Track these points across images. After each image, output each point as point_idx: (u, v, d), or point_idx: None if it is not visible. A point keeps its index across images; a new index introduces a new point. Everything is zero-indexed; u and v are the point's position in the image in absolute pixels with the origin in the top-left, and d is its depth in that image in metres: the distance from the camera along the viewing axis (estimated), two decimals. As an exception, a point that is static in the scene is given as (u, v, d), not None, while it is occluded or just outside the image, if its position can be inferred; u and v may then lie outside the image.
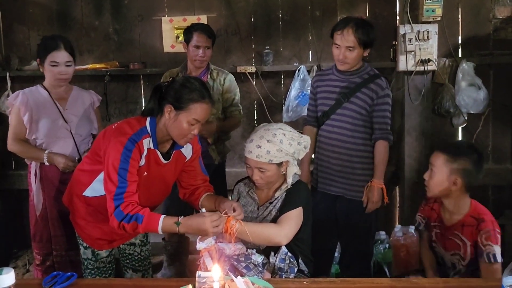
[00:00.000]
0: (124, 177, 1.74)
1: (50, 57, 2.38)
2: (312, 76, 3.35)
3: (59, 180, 2.44)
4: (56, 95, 2.49)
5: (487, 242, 1.74)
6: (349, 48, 2.37)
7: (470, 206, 1.85)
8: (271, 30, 3.54)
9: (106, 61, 3.57)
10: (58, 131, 2.45)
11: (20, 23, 3.64)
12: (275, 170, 1.88)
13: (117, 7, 3.59)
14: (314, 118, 2.63)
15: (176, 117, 1.79)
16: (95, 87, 3.64)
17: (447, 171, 1.81)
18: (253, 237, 1.78)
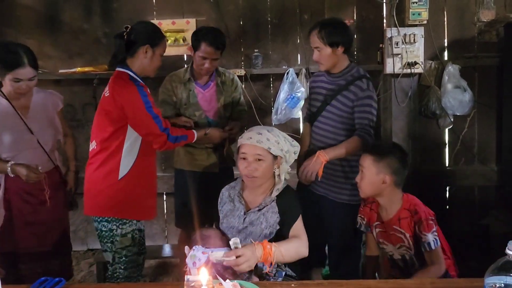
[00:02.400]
0: (154, 112, 2.13)
1: (14, 73, 2.16)
2: (300, 79, 3.39)
3: (25, 191, 2.33)
4: (17, 104, 2.29)
5: (423, 233, 1.88)
6: (317, 49, 2.44)
7: (403, 200, 1.97)
8: (260, 33, 3.56)
9: (95, 65, 3.56)
10: (24, 144, 2.30)
11: (7, 26, 3.62)
12: (270, 162, 1.88)
13: (107, 11, 3.59)
14: (310, 116, 2.70)
15: (153, 53, 2.21)
16: (84, 90, 3.66)
17: (375, 170, 1.94)
18: (286, 256, 1.77)
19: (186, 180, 2.72)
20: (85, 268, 3.45)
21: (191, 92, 2.71)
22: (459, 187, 3.56)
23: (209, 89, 2.76)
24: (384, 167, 1.93)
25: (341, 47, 2.43)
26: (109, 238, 2.20)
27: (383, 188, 1.94)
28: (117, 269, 2.21)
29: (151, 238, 3.77)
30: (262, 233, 1.87)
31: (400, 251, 2.01)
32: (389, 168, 1.93)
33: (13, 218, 2.35)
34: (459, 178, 3.53)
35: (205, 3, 3.53)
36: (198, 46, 2.61)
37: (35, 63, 2.24)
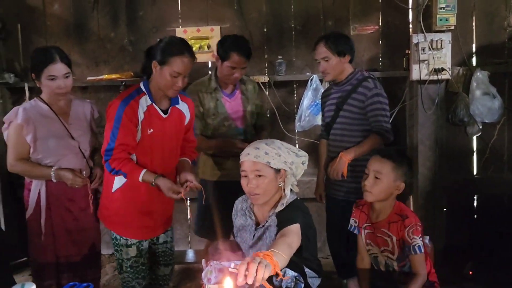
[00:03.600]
0: (115, 134, 2.02)
1: (47, 71, 2.22)
2: (324, 85, 3.36)
3: (67, 198, 2.35)
4: (57, 110, 2.34)
5: (413, 236, 1.91)
6: (324, 59, 2.57)
7: (394, 205, 2.01)
8: (284, 40, 3.56)
9: (121, 72, 3.63)
10: (65, 149, 2.33)
11: (38, 35, 3.72)
12: (272, 176, 1.78)
13: (133, 19, 3.66)
14: (325, 131, 2.79)
15: (160, 71, 2.06)
16: (110, 97, 3.71)
17: (393, 177, 1.96)
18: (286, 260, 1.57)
19: (212, 190, 2.70)
20: (110, 272, 3.50)
21: (218, 102, 2.70)
22: (488, 196, 3.46)
23: (235, 97, 2.76)
24: (402, 174, 1.96)
25: (348, 55, 2.58)
26: (115, 246, 2.21)
27: (393, 194, 1.97)
28: (125, 278, 2.21)
29: (175, 243, 3.79)
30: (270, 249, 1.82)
31: (383, 255, 2.05)
32: (404, 176, 1.97)
33: (54, 226, 2.34)
34: (487, 186, 3.44)
35: (229, 10, 3.56)
36: (227, 56, 2.59)
37: (67, 60, 2.29)
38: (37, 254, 2.39)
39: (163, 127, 2.15)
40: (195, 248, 3.73)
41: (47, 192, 2.33)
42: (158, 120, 2.13)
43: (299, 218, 1.77)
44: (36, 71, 2.25)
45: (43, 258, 2.36)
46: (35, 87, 3.61)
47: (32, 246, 2.41)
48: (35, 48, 2.43)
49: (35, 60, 2.27)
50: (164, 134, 2.16)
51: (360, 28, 3.48)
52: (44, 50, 2.31)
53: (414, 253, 1.91)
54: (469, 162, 3.52)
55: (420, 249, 1.91)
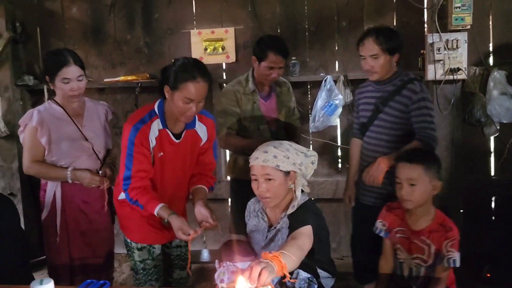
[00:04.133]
0: (130, 162, 1.97)
1: (61, 73, 2.22)
2: (338, 86, 3.36)
3: (82, 200, 2.36)
4: (71, 112, 2.35)
5: (451, 249, 1.87)
6: (373, 56, 2.36)
7: (436, 213, 1.97)
8: (298, 41, 3.57)
9: (137, 74, 3.69)
10: (79, 151, 2.34)
11: (57, 38, 3.81)
12: (282, 179, 1.78)
13: (148, 21, 3.71)
14: (359, 130, 2.62)
15: (172, 96, 1.94)
16: (126, 98, 3.79)
17: (428, 179, 1.92)
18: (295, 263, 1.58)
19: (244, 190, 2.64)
20: (127, 271, 3.55)
21: (255, 105, 2.67)
22: (506, 197, 3.40)
23: (270, 100, 2.74)
24: (434, 173, 1.93)
25: (398, 54, 2.41)
26: (127, 248, 2.22)
27: (431, 195, 1.94)
28: (139, 280, 2.20)
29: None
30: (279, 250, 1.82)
31: (412, 263, 2.00)
32: (437, 174, 1.93)
33: (68, 227, 2.36)
34: (505, 188, 3.38)
35: (243, 12, 3.58)
36: (264, 56, 2.55)
37: (81, 63, 2.30)
38: (52, 255, 2.42)
39: (175, 151, 2.07)
40: (210, 248, 3.76)
41: (62, 194, 2.35)
42: (170, 145, 2.05)
43: (311, 219, 1.76)
44: (50, 73, 2.26)
45: (58, 259, 2.39)
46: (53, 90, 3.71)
47: (47, 247, 2.43)
48: (48, 51, 2.45)
49: (49, 63, 2.28)
50: (176, 158, 2.09)
51: (375, 28, 3.46)
52: (58, 52, 2.32)
53: (448, 265, 1.87)
54: (486, 163, 3.47)
55: (455, 263, 1.87)
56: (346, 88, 3.38)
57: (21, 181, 3.82)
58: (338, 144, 3.63)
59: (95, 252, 2.40)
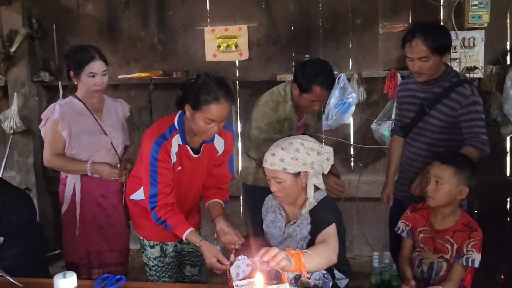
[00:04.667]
0: (155, 179, 1.92)
1: (88, 68, 2.29)
2: (352, 84, 3.34)
3: (99, 194, 2.40)
4: (91, 107, 2.41)
5: (471, 249, 1.87)
6: (422, 59, 2.19)
7: (462, 214, 1.97)
8: (311, 38, 3.55)
9: (150, 70, 3.70)
10: (99, 145, 2.39)
11: (72, 35, 3.85)
12: (291, 180, 1.78)
13: (162, 18, 3.72)
14: (401, 128, 2.51)
15: (193, 115, 1.89)
16: (140, 95, 3.81)
17: (455, 182, 1.89)
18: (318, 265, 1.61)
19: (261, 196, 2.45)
20: (139, 266, 3.57)
21: (292, 130, 2.49)
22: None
23: (303, 120, 2.64)
24: (464, 179, 1.89)
25: (448, 53, 2.26)
26: (140, 245, 2.23)
27: (457, 199, 1.92)
28: (152, 276, 2.20)
29: (201, 240, 3.84)
30: (298, 245, 1.84)
31: (437, 260, 1.99)
32: (467, 180, 1.90)
33: (86, 221, 2.41)
34: (522, 189, 3.34)
35: (257, 9, 3.57)
36: (308, 89, 2.28)
37: (105, 59, 2.38)
38: (71, 249, 2.46)
39: (193, 166, 2.06)
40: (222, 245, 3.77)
41: (81, 188, 2.39)
42: (188, 160, 2.03)
43: (333, 217, 1.79)
44: (76, 68, 2.31)
45: (76, 253, 2.43)
46: (68, 85, 3.76)
47: (66, 241, 2.48)
48: (73, 47, 2.50)
49: (76, 58, 2.33)
50: (193, 172, 2.08)
51: (390, 26, 3.43)
52: (83, 48, 2.38)
53: (466, 264, 1.86)
54: (502, 163, 3.42)
55: (473, 263, 1.86)
56: (360, 86, 3.35)
57: (36, 176, 3.87)
58: (351, 143, 3.60)
59: (111, 246, 2.44)
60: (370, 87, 3.46)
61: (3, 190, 2.10)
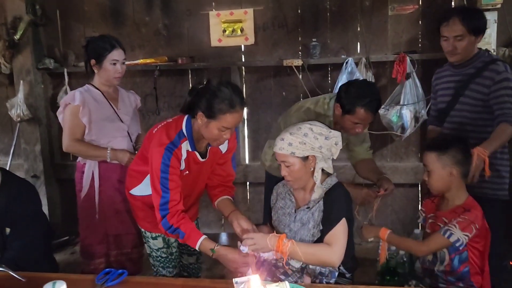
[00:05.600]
0: (166, 185, 1.86)
1: (111, 55, 2.41)
2: (360, 68, 3.27)
3: (118, 179, 2.47)
4: (108, 95, 2.51)
5: (455, 224, 1.82)
6: (457, 37, 2.24)
7: (466, 199, 1.93)
8: (319, 22, 3.47)
9: (155, 56, 3.66)
10: (116, 131, 2.49)
11: (76, 21, 3.80)
12: (300, 165, 1.81)
13: (167, 3, 3.66)
14: (436, 118, 2.51)
15: (207, 124, 1.84)
16: (145, 81, 3.78)
17: (440, 165, 1.90)
18: (306, 258, 1.74)
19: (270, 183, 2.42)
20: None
21: None
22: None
23: None
24: (449, 159, 1.89)
25: (482, 35, 2.31)
26: (143, 236, 2.21)
27: (451, 181, 1.91)
28: (158, 266, 2.20)
29: (208, 225, 3.86)
30: (310, 233, 1.84)
31: None
32: (453, 159, 1.89)
33: (105, 206, 2.48)
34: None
35: (263, -8, 3.49)
36: (352, 111, 2.15)
37: (123, 48, 2.49)
38: (89, 233, 2.54)
39: (199, 169, 2.04)
40: (228, 231, 3.78)
41: (100, 174, 2.48)
42: (195, 164, 2.01)
43: (343, 211, 1.80)
44: (98, 56, 2.42)
45: (95, 237, 2.52)
46: (73, 73, 3.74)
47: (84, 227, 2.56)
48: (93, 37, 2.56)
49: (98, 46, 2.43)
50: (199, 174, 2.07)
51: (399, 8, 3.33)
52: (106, 37, 2.50)
53: (443, 234, 1.81)
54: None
55: (449, 237, 1.79)
56: (368, 71, 3.28)
57: (44, 163, 3.88)
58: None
59: (129, 229, 2.49)
60: (378, 72, 3.39)
61: (9, 181, 2.10)
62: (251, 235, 1.79)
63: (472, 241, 1.85)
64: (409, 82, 3.17)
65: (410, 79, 3.17)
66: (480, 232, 1.85)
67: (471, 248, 1.87)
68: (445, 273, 1.89)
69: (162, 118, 3.82)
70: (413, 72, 3.16)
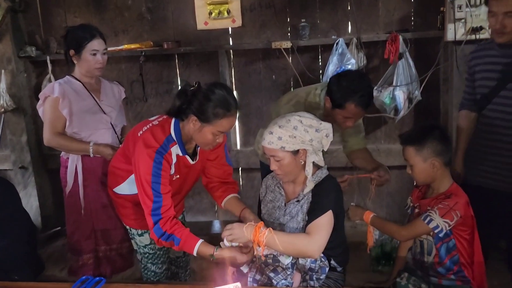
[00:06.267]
0: (158, 190, 1.77)
1: (91, 45, 2.33)
2: (351, 49, 3.16)
3: (102, 173, 2.38)
4: (89, 87, 2.43)
5: (435, 210, 1.78)
6: (508, 13, 1.96)
7: (450, 186, 1.88)
8: (307, 1, 3.34)
9: (140, 41, 3.54)
10: (99, 123, 2.43)
11: (57, 6, 3.66)
12: (290, 159, 1.75)
13: (150, -16, 3.53)
14: (472, 102, 2.28)
15: (201, 128, 1.78)
16: (131, 67, 3.67)
17: (421, 159, 1.84)
18: (283, 247, 1.66)
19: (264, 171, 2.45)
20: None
21: None
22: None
23: None
24: (429, 152, 1.83)
25: None
26: (129, 233, 2.16)
27: (435, 172, 1.86)
28: (145, 263, 2.15)
29: (202, 212, 3.83)
30: (299, 225, 1.80)
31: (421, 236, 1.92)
32: (434, 151, 1.83)
33: (91, 201, 2.42)
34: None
35: (250, -29, 3.35)
36: (342, 106, 2.06)
37: (104, 37, 2.41)
38: (75, 230, 2.48)
39: (189, 171, 1.98)
40: (222, 219, 3.74)
41: (83, 168, 2.41)
42: (185, 168, 1.94)
43: (331, 202, 1.75)
44: (78, 46, 2.34)
45: (82, 233, 2.46)
46: (56, 60, 3.62)
47: (70, 222, 2.50)
48: (72, 26, 2.50)
49: (77, 36, 2.35)
50: (189, 177, 2.01)
51: (391, -16, 3.21)
52: (85, 26, 2.42)
53: (423, 219, 1.77)
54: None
55: (429, 222, 1.75)
56: (359, 52, 3.18)
57: (32, 154, 3.81)
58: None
59: (117, 223, 2.42)
60: (370, 52, 3.29)
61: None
62: (228, 226, 1.73)
63: (457, 229, 1.81)
64: (402, 62, 3.08)
65: (403, 59, 3.08)
66: (465, 220, 1.81)
67: (458, 237, 1.83)
68: (434, 265, 1.85)
69: (150, 105, 3.73)
70: (406, 52, 3.07)
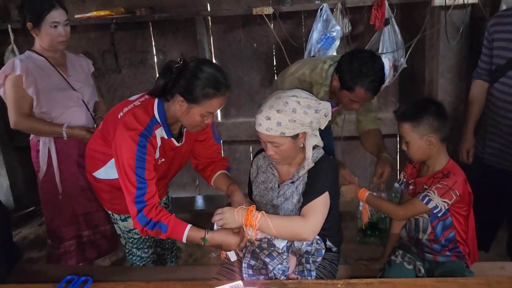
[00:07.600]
0: (143, 176, 1.63)
1: (50, 17, 2.13)
2: (336, 15, 3.02)
3: (79, 154, 2.26)
4: (54, 61, 2.24)
5: (433, 190, 1.73)
6: None
7: (447, 163, 1.82)
8: (289, -37, 3.15)
9: (110, 8, 3.30)
10: (69, 101, 2.25)
11: (15, -32, 3.35)
12: (290, 143, 1.65)
13: None
14: (487, 71, 2.18)
15: (188, 109, 1.65)
16: (101, 36, 3.44)
17: (417, 136, 1.78)
18: (277, 231, 1.60)
19: None
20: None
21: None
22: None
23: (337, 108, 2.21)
24: (425, 128, 1.76)
25: None
26: (112, 218, 2.05)
27: (431, 149, 1.80)
28: (130, 248, 2.06)
29: (182, 187, 3.72)
30: (295, 208, 1.72)
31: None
32: (430, 128, 1.76)
33: (68, 184, 2.30)
34: None
35: None
36: (351, 88, 1.97)
37: (64, 6, 2.21)
38: (55, 216, 2.36)
39: (175, 154, 1.86)
40: (204, 194, 3.65)
41: (57, 150, 2.26)
42: (171, 151, 1.83)
43: (327, 184, 1.68)
44: (36, 18, 2.14)
45: (62, 219, 2.35)
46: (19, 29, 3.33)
47: (48, 209, 2.38)
48: None
49: (34, 6, 2.15)
50: (175, 159, 1.89)
51: None
52: None
53: (422, 200, 1.72)
54: None
55: (428, 203, 1.71)
56: (344, 18, 3.04)
57: (-2, 131, 3.58)
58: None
59: (98, 206, 2.29)
60: (355, 18, 3.17)
61: None
62: (219, 210, 1.64)
63: (454, 206, 1.77)
64: (388, 29, 2.97)
65: (389, 25, 2.96)
66: (462, 198, 1.77)
67: (455, 214, 1.79)
68: (429, 242, 1.82)
69: (123, 76, 3.53)
70: (392, 18, 2.95)
